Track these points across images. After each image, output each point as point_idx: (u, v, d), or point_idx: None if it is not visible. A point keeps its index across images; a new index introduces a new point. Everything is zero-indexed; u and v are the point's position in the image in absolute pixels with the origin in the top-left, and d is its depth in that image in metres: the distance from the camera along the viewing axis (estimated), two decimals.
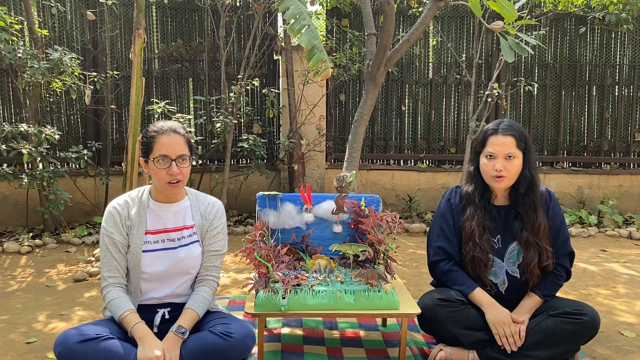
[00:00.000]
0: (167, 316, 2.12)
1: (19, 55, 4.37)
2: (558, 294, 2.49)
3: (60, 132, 4.69)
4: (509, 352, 2.18)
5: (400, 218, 2.53)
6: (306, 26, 2.89)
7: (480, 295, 2.27)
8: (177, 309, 2.15)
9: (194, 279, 2.17)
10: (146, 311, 2.12)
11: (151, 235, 2.09)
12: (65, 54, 4.43)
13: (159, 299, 2.13)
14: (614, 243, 5.01)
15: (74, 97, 4.80)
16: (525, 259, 2.28)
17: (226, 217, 2.36)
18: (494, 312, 2.22)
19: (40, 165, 4.49)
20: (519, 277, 2.31)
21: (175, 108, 5.48)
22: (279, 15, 5.83)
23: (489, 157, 2.27)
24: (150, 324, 2.11)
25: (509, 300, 2.33)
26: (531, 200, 2.29)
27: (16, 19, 4.65)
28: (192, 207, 2.17)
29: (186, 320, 2.02)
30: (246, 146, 5.28)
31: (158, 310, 2.12)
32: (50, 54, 4.40)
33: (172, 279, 2.11)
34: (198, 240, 2.15)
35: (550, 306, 2.25)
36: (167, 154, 2.02)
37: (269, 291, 2.21)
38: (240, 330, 2.00)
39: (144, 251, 2.06)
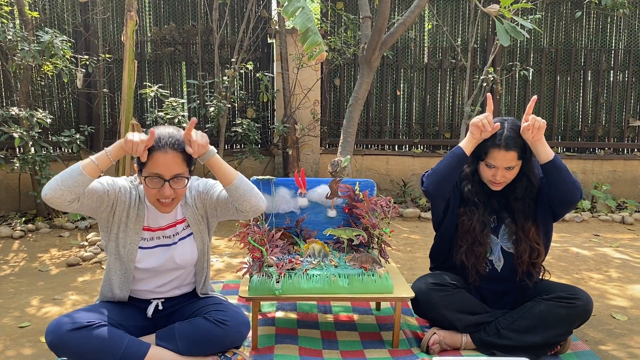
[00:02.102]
0: (160, 307, 2.10)
1: (9, 37, 4.30)
2: (552, 278, 2.50)
3: (52, 116, 4.64)
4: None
5: (394, 203, 2.52)
6: (300, 8, 2.86)
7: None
8: (170, 299, 2.13)
9: (187, 274, 2.13)
10: (139, 301, 2.11)
11: (147, 232, 2.03)
12: (56, 36, 4.37)
13: (150, 291, 2.09)
14: (607, 228, 5.03)
15: (65, 81, 4.74)
16: (516, 251, 2.30)
17: None
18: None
19: (32, 150, 4.44)
20: (514, 252, 2.32)
21: (168, 92, 5.43)
22: None
23: (489, 166, 2.24)
24: (143, 312, 2.10)
25: (506, 280, 2.35)
26: (526, 204, 2.29)
27: (6, 0, 4.57)
28: (180, 204, 2.07)
29: (219, 159, 1.95)
30: (240, 131, 5.25)
31: (151, 300, 2.10)
32: (41, 37, 4.33)
33: (166, 273, 2.07)
34: (192, 234, 2.07)
35: (543, 290, 2.27)
36: (161, 174, 1.88)
37: (263, 275, 2.20)
38: (235, 317, 2.00)
39: (140, 247, 2.00)
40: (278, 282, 2.18)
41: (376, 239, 2.50)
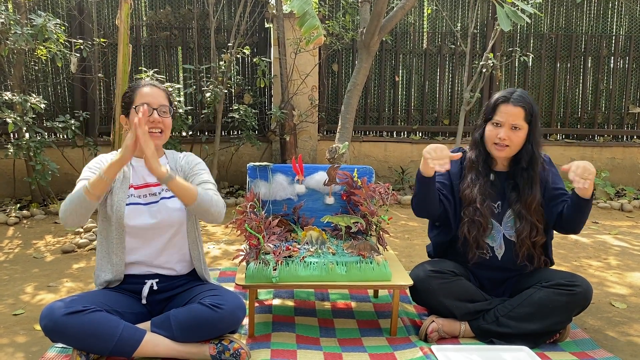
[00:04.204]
0: (155, 287, 2.09)
1: (1, 21, 4.22)
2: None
3: (46, 101, 4.58)
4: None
5: (392, 190, 2.49)
6: None
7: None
8: (165, 280, 2.12)
9: (179, 243, 2.13)
10: (134, 282, 2.10)
11: (134, 190, 2.08)
12: (49, 19, 4.28)
13: (146, 264, 2.08)
14: (606, 215, 5.02)
15: (59, 65, 4.67)
16: (517, 230, 2.29)
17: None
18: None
19: (27, 135, 4.39)
20: (515, 241, 2.30)
21: (164, 77, 5.37)
22: None
23: (495, 124, 2.26)
24: (138, 295, 2.09)
25: (505, 269, 2.33)
26: (530, 175, 2.29)
27: None
28: (169, 164, 2.17)
29: (179, 181, 1.95)
30: (237, 117, 5.19)
31: (146, 281, 2.09)
32: (34, 20, 4.25)
33: (156, 234, 2.07)
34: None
35: (543, 278, 2.25)
36: (149, 102, 2.05)
37: (259, 263, 2.18)
38: (230, 301, 1.98)
39: (127, 204, 2.04)
40: (275, 269, 2.16)
41: (374, 226, 2.47)
